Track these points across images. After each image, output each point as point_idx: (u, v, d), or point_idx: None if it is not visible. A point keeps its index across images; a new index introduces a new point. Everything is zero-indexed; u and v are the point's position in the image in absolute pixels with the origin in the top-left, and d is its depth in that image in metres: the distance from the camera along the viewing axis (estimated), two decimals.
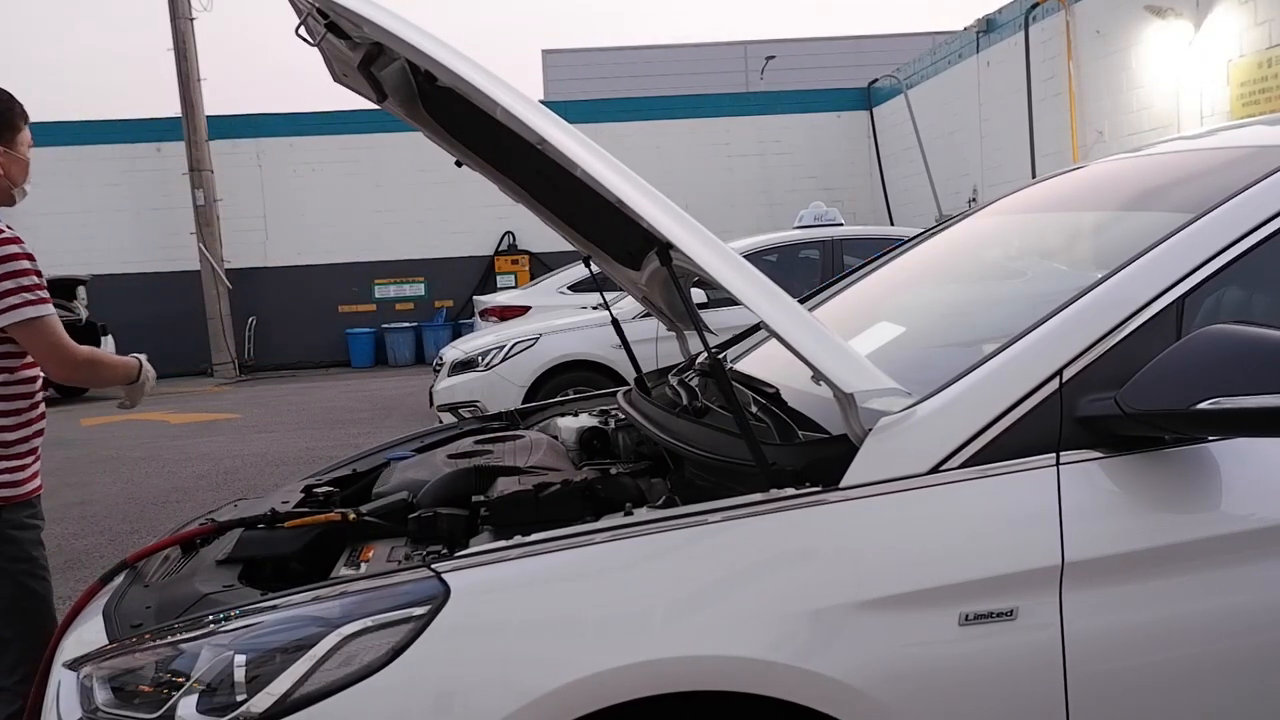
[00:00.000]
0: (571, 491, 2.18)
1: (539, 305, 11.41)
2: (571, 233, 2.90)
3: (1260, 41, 9.67)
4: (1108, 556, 1.73)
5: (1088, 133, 12.37)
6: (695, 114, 19.70)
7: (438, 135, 2.64)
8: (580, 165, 1.88)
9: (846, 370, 1.81)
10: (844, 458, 1.79)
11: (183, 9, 17.55)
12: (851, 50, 26.54)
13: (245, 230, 18.64)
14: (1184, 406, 1.65)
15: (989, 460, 1.76)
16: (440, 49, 1.94)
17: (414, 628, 1.67)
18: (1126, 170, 2.83)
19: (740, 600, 1.71)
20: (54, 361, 2.78)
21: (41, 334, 2.73)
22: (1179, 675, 1.76)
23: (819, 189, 18.55)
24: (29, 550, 2.78)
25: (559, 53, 27.95)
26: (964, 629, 1.70)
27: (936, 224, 3.36)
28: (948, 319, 2.86)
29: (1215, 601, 1.75)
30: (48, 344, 2.75)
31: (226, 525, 2.36)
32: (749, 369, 2.67)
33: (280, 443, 10.00)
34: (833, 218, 9.82)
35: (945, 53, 16.48)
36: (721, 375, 1.96)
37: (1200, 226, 1.89)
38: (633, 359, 3.12)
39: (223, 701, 1.67)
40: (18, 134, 2.85)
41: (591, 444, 2.76)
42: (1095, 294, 1.85)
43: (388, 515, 2.31)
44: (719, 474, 2.03)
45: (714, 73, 25.07)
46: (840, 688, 1.67)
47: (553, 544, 1.77)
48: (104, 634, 1.98)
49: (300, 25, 2.33)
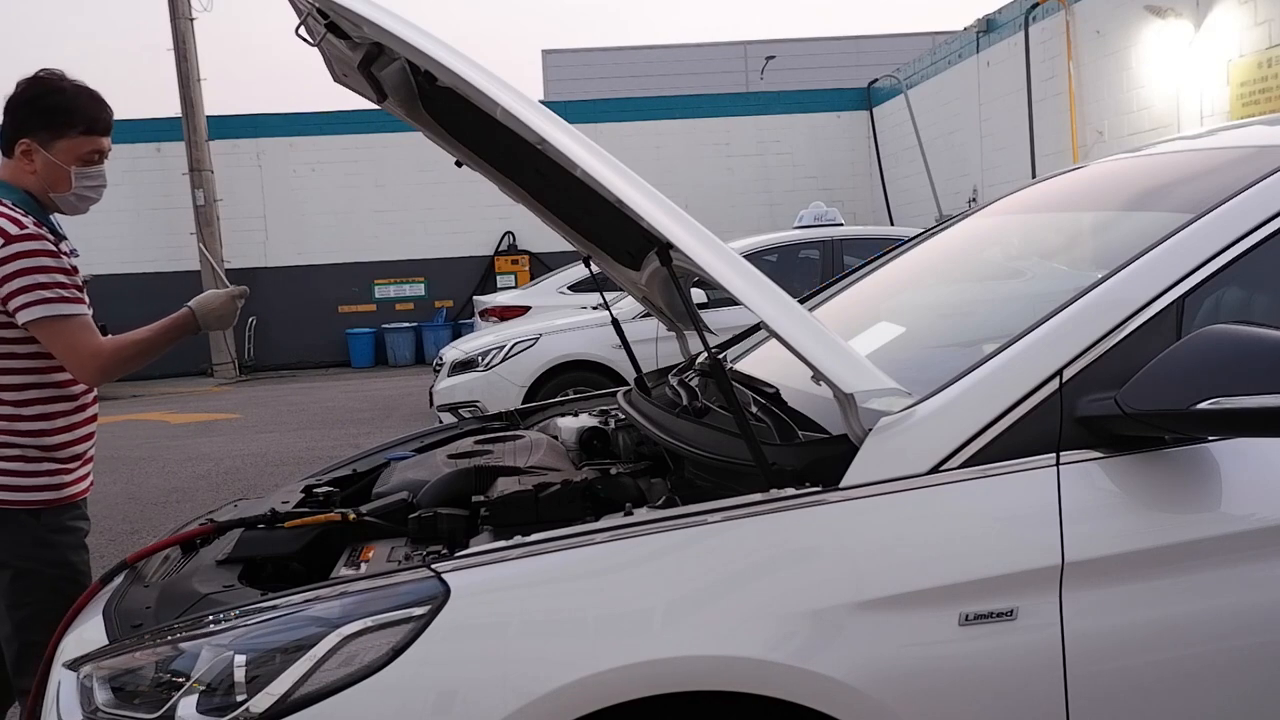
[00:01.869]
0: (571, 491, 2.18)
1: (539, 305, 11.41)
2: (571, 233, 2.90)
3: (1260, 41, 9.67)
4: (1108, 556, 1.73)
5: (1088, 133, 12.37)
6: (695, 114, 19.70)
7: (438, 135, 2.64)
8: (580, 165, 1.88)
9: (846, 370, 1.81)
10: (844, 458, 1.79)
11: (183, 9, 17.55)
12: (851, 50, 26.55)
13: (245, 230, 18.64)
14: (1184, 406, 1.65)
15: (989, 460, 1.76)
16: (440, 49, 1.94)
17: (414, 628, 1.67)
18: (1127, 170, 2.83)
19: (740, 600, 1.71)
20: (73, 364, 2.68)
21: (58, 335, 2.63)
22: (1179, 675, 1.75)
23: (819, 189, 18.55)
24: (67, 555, 2.73)
25: (559, 53, 27.95)
26: (964, 629, 1.70)
27: (936, 224, 3.36)
28: (948, 319, 2.86)
29: (1215, 601, 1.75)
30: (64, 345, 2.65)
31: (226, 525, 2.36)
32: (749, 369, 2.67)
33: (280, 443, 10.00)
34: (833, 218, 9.82)
35: (945, 53, 16.48)
36: (721, 375, 1.96)
37: (1200, 226, 1.89)
38: (633, 359, 3.12)
39: (223, 701, 1.67)
40: (59, 138, 2.70)
41: (591, 444, 2.76)
42: (1095, 294, 1.85)
43: (388, 515, 2.31)
44: (719, 474, 2.03)
45: (714, 73, 25.08)
46: (840, 688, 1.67)
47: (553, 544, 1.77)
48: (104, 634, 1.98)
49: (300, 25, 2.33)
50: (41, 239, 2.64)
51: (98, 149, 2.76)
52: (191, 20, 17.67)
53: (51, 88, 2.73)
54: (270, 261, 18.82)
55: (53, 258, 2.65)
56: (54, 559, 2.70)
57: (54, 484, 2.73)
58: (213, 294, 2.90)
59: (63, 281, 2.65)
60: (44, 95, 2.72)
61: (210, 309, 2.87)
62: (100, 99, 2.79)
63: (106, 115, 2.77)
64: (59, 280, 2.64)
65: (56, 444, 2.74)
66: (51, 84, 2.74)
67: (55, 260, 2.65)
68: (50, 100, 2.72)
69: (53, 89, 2.73)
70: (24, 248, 2.60)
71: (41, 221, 2.72)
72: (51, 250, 2.65)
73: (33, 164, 2.72)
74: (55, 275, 2.63)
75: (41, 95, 2.72)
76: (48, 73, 2.77)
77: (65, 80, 2.76)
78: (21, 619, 2.66)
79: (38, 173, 2.72)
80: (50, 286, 2.62)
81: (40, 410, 2.73)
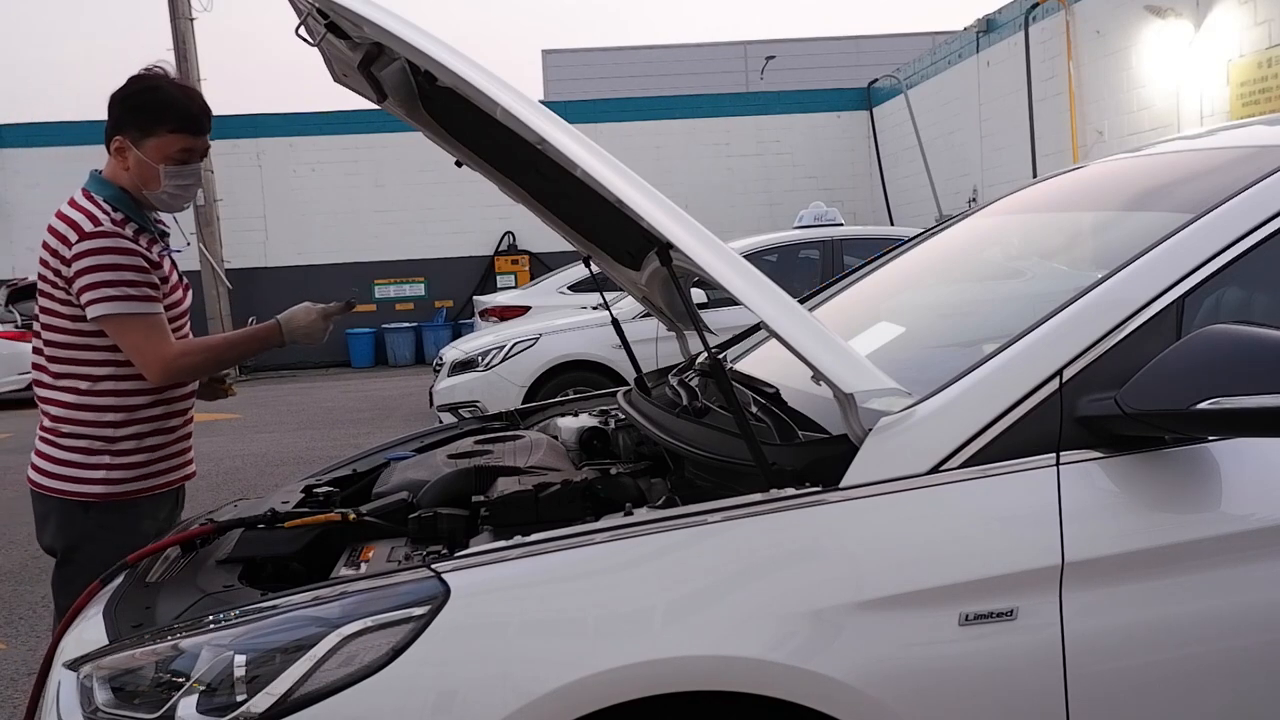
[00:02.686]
0: (572, 491, 2.17)
1: (539, 305, 11.42)
2: (571, 233, 2.90)
3: (1260, 41, 9.67)
4: (1108, 556, 1.73)
5: (1088, 133, 12.38)
6: (695, 114, 19.71)
7: (438, 135, 2.64)
8: (580, 165, 1.88)
9: (846, 370, 1.81)
10: (844, 458, 1.79)
11: (183, 9, 17.54)
12: (851, 50, 26.57)
13: (245, 230, 18.64)
14: (1184, 406, 1.65)
15: (989, 460, 1.76)
16: (440, 49, 1.94)
17: (414, 628, 1.67)
18: (1127, 170, 2.83)
19: (740, 600, 1.71)
20: (139, 363, 2.68)
21: (125, 332, 2.65)
22: (1179, 675, 1.75)
23: (819, 189, 18.56)
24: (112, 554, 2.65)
25: (559, 53, 27.96)
26: (964, 629, 1.70)
27: (936, 224, 3.36)
28: (948, 319, 2.86)
29: (1215, 601, 1.75)
30: (130, 343, 2.66)
31: (226, 525, 2.35)
32: (749, 369, 2.67)
33: (280, 443, 10.01)
34: (833, 218, 9.82)
35: (945, 53, 16.48)
36: (721, 375, 1.96)
37: (1200, 227, 1.89)
38: (633, 359, 3.12)
39: (223, 701, 1.67)
40: (149, 136, 2.71)
41: (592, 444, 2.76)
42: (1095, 294, 1.85)
43: (388, 515, 2.30)
44: (719, 474, 2.02)
45: (714, 73, 25.10)
46: (840, 688, 1.67)
47: (553, 544, 1.77)
48: (104, 634, 1.97)
49: (300, 25, 2.33)
50: (115, 236, 2.66)
51: (188, 147, 2.76)
52: (191, 20, 17.66)
53: (146, 85, 2.75)
54: (270, 261, 18.82)
55: (125, 255, 2.66)
56: (98, 554, 2.68)
57: (107, 479, 2.74)
58: (303, 309, 2.90)
59: (132, 280, 2.66)
60: (138, 93, 2.74)
61: (298, 325, 2.87)
62: (194, 98, 2.79)
63: (198, 114, 2.76)
64: (128, 278, 2.65)
65: (121, 436, 2.75)
66: (147, 81, 2.76)
67: (128, 258, 2.66)
68: (142, 98, 2.73)
69: (147, 87, 2.75)
70: (94, 245, 2.63)
71: (130, 218, 2.74)
72: (125, 248, 2.66)
73: (126, 161, 2.75)
74: (125, 273, 2.65)
75: (135, 93, 2.74)
76: (148, 70, 2.78)
77: (163, 78, 2.77)
78: (64, 606, 2.68)
79: (130, 170, 2.75)
80: (117, 284, 2.64)
81: (111, 401, 2.74)
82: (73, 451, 2.74)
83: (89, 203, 2.72)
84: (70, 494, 2.74)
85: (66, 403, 2.74)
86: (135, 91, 2.75)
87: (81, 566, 2.68)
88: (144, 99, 2.73)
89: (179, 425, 2.88)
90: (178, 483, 2.93)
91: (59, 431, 2.76)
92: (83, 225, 2.66)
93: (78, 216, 2.68)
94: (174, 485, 2.91)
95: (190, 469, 2.98)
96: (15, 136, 18.67)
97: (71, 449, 2.74)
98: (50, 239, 2.71)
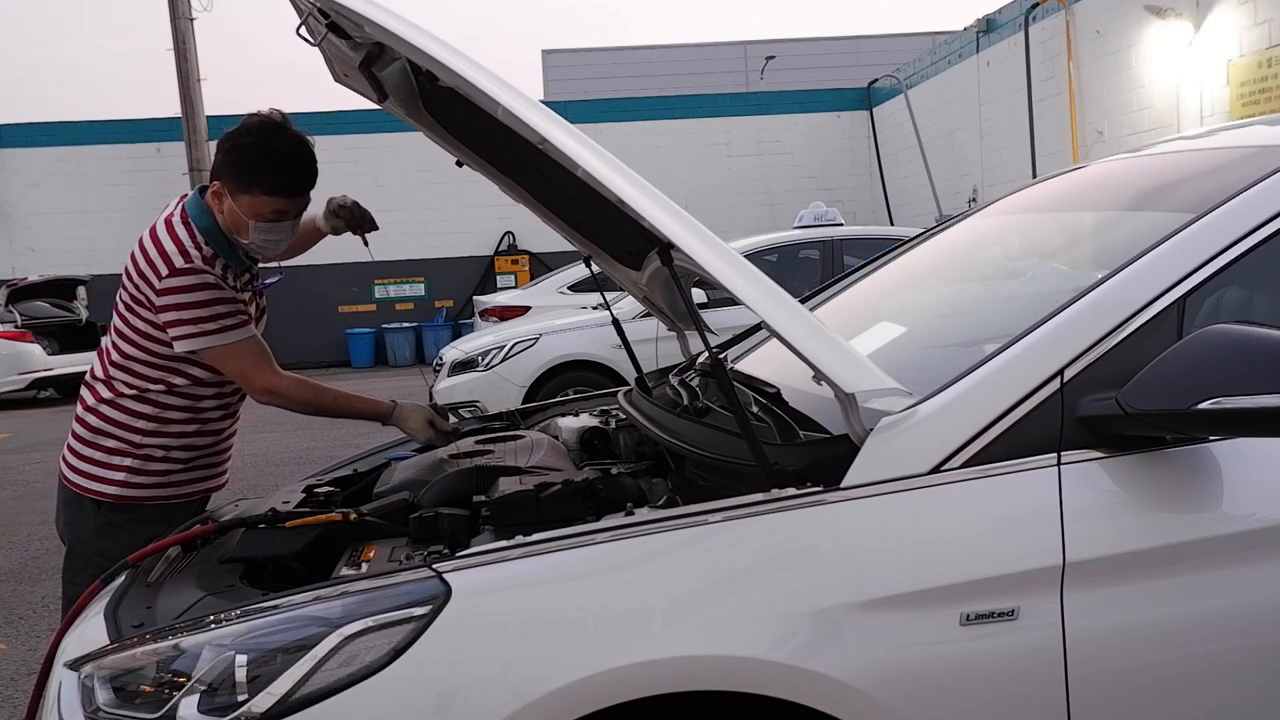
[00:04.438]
0: (572, 491, 2.17)
1: (539, 305, 11.42)
2: (572, 233, 2.90)
3: (1260, 41, 9.68)
4: (1109, 556, 1.73)
5: (1088, 133, 12.38)
6: (695, 114, 19.71)
7: (438, 135, 2.64)
8: (581, 165, 1.88)
9: (847, 370, 1.81)
10: (845, 458, 1.79)
11: (183, 9, 17.53)
12: (851, 50, 26.56)
13: None
14: (1185, 406, 1.64)
15: (990, 460, 1.76)
16: (441, 49, 1.94)
17: (415, 628, 1.67)
18: (1127, 170, 2.83)
19: (741, 600, 1.71)
20: (244, 386, 2.82)
21: (226, 360, 2.74)
22: (1180, 675, 1.75)
23: (819, 189, 18.56)
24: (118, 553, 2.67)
25: (559, 53, 27.95)
26: (965, 629, 1.70)
27: (936, 224, 3.36)
28: (949, 319, 2.86)
29: (1216, 601, 1.75)
30: (234, 369, 2.76)
31: (227, 525, 2.36)
32: (750, 369, 2.67)
33: (280, 443, 10.00)
34: (833, 218, 9.82)
35: (945, 53, 16.49)
36: (722, 375, 1.96)
37: (1200, 227, 1.89)
38: (633, 359, 3.12)
39: (224, 701, 1.67)
40: (244, 192, 2.70)
41: (592, 444, 2.76)
42: (1096, 294, 1.85)
43: (389, 515, 2.30)
44: (720, 474, 2.02)
45: (714, 73, 25.09)
46: (841, 688, 1.67)
47: (553, 544, 1.77)
48: (105, 634, 1.97)
49: (301, 25, 2.33)
50: (203, 273, 2.69)
51: (282, 210, 2.76)
52: (191, 20, 17.64)
53: (253, 141, 2.70)
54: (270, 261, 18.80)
55: (212, 290, 2.70)
56: (105, 550, 2.71)
57: (126, 481, 2.78)
58: (422, 408, 2.94)
59: (221, 312, 2.71)
60: (241, 147, 2.71)
61: (408, 416, 2.91)
62: (291, 162, 2.72)
63: (297, 176, 2.74)
64: (217, 311, 2.70)
65: (148, 444, 2.79)
66: (255, 136, 2.70)
67: (215, 292, 2.70)
68: (245, 154, 2.71)
69: (253, 143, 2.70)
70: (182, 282, 2.67)
71: (219, 253, 2.77)
72: (211, 283, 2.70)
73: (222, 205, 2.76)
74: (214, 308, 2.70)
75: (240, 146, 2.71)
76: (261, 120, 2.74)
77: (274, 132, 2.71)
78: (71, 596, 2.70)
79: (225, 214, 2.77)
80: (207, 319, 2.69)
81: (147, 410, 2.78)
82: (97, 449, 2.79)
83: (184, 230, 2.73)
84: (85, 490, 2.79)
85: (104, 398, 2.79)
86: (240, 145, 2.71)
87: (89, 561, 2.72)
88: (246, 155, 2.70)
89: (211, 443, 2.92)
90: (201, 494, 2.96)
91: (87, 424, 2.81)
92: (174, 260, 2.68)
93: (170, 248, 2.70)
94: (196, 496, 2.94)
95: (218, 480, 3.03)
96: (15, 136, 18.67)
97: (96, 446, 2.79)
98: (140, 258, 2.73)
